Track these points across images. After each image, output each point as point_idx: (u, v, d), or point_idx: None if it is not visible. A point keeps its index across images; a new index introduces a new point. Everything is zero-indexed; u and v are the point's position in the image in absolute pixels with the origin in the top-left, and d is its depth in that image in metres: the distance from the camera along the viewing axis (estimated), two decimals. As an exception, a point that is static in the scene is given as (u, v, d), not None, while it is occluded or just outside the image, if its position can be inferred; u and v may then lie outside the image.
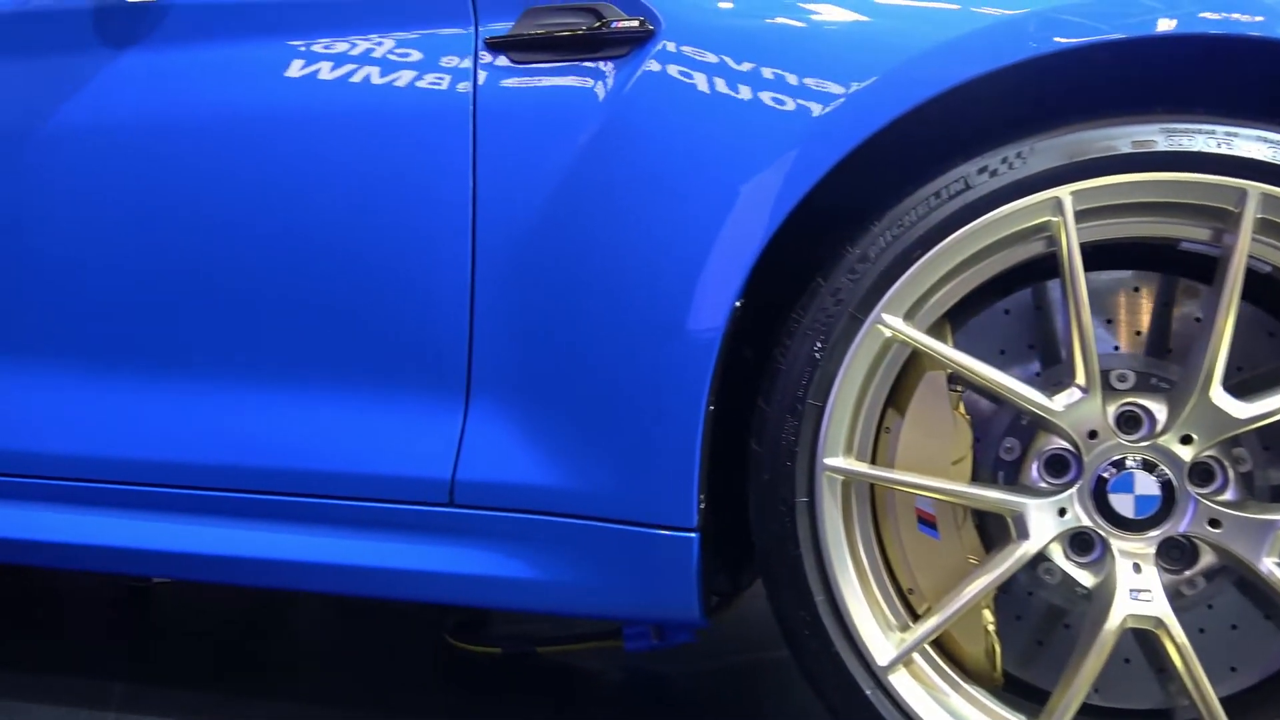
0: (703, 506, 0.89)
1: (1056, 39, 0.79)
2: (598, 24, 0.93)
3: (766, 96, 0.85)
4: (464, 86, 0.96)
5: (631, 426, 0.90)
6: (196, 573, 1.09)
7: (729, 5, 0.91)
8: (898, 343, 0.84)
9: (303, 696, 1.30)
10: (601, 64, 0.93)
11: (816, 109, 0.83)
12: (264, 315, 1.01)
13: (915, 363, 0.86)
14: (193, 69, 1.05)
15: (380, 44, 1.00)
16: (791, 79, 0.85)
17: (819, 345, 0.84)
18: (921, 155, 0.87)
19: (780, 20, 0.88)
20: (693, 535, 0.89)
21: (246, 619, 1.62)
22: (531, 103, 0.95)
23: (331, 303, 1.00)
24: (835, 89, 0.84)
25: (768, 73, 0.85)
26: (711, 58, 0.88)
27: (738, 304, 0.86)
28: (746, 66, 0.86)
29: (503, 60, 0.96)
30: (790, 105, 0.84)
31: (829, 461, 0.84)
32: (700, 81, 0.88)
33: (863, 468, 0.85)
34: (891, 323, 0.83)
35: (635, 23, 0.91)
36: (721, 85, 0.87)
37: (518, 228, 0.95)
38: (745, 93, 0.86)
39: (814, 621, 0.84)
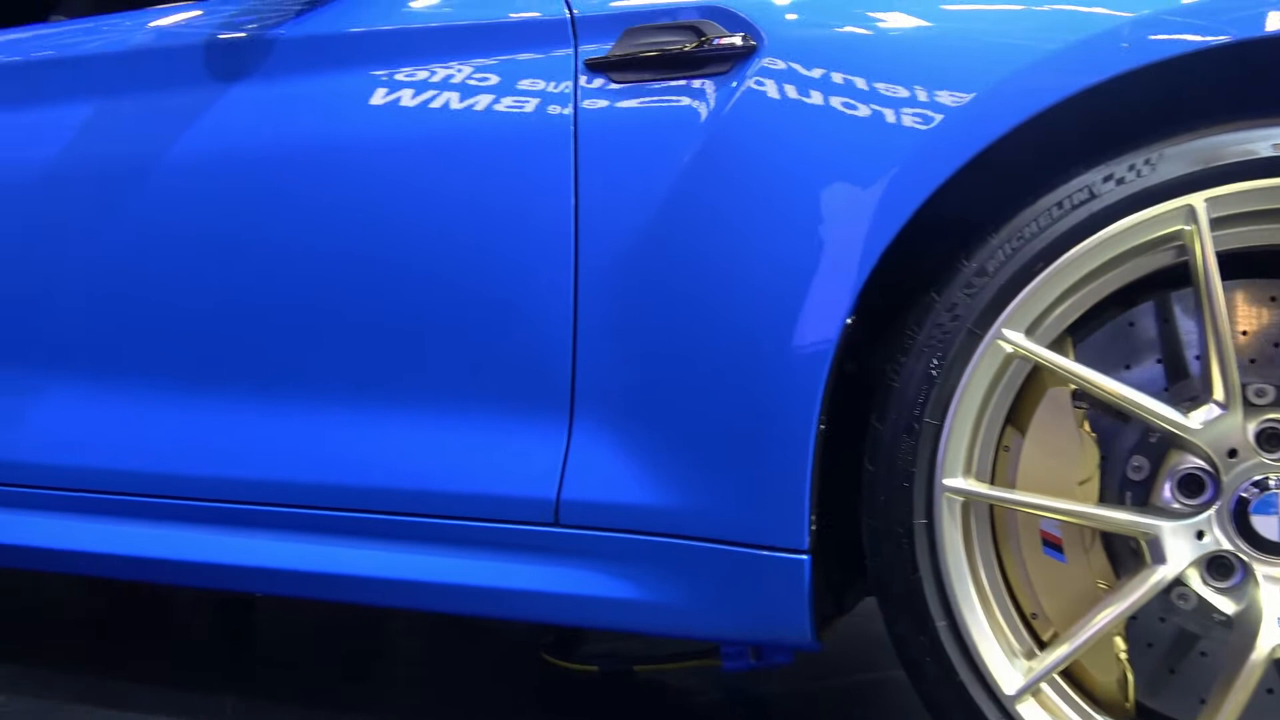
0: (814, 528, 0.87)
1: (1185, 36, 0.75)
2: (699, 42, 0.92)
3: (876, 109, 0.84)
4: (564, 108, 0.97)
5: (740, 447, 0.89)
6: (303, 589, 1.12)
7: (833, 18, 0.89)
8: (1018, 359, 0.81)
9: (402, 713, 1.32)
10: (703, 81, 0.92)
11: (929, 120, 0.81)
12: (373, 337, 1.03)
13: (1036, 379, 0.83)
14: (299, 100, 1.08)
15: (481, 70, 1.01)
16: (902, 91, 0.83)
17: (935, 362, 0.82)
18: (1038, 163, 0.84)
19: (888, 31, 0.86)
20: (804, 557, 0.87)
21: (346, 634, 1.65)
22: (633, 122, 0.95)
23: (438, 324, 1.01)
24: (948, 99, 0.81)
25: (878, 85, 0.84)
26: (817, 72, 0.86)
27: (849, 321, 0.84)
28: (854, 79, 0.85)
29: (603, 81, 0.96)
30: (901, 117, 0.82)
31: (948, 482, 0.81)
32: (806, 96, 0.87)
33: (984, 489, 0.82)
34: (1013, 338, 0.80)
35: (737, 39, 0.91)
36: (828, 99, 0.85)
37: (620, 247, 0.94)
38: (853, 106, 0.85)
39: (935, 648, 0.82)
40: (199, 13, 1.26)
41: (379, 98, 1.05)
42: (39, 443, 1.22)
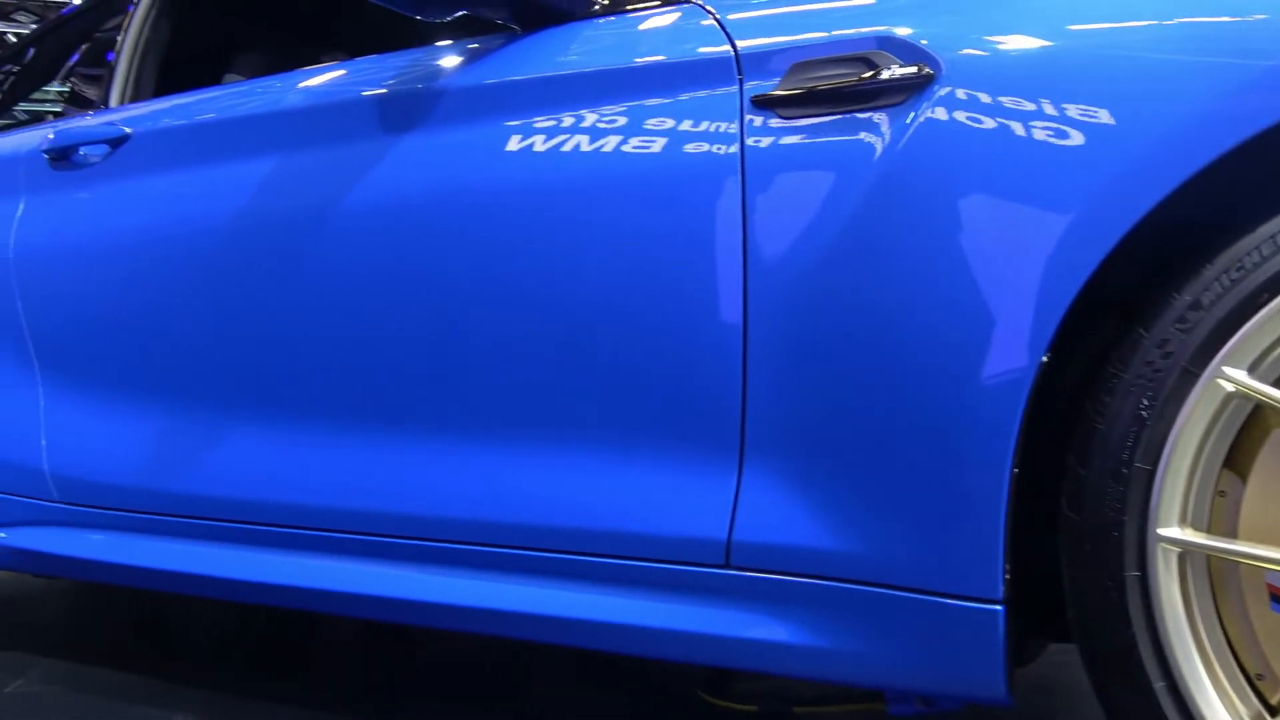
0: (1008, 577, 0.83)
1: None
2: (871, 74, 0.90)
3: (1070, 135, 0.79)
4: (731, 146, 0.96)
5: (925, 490, 0.85)
6: (471, 625, 1.13)
7: (1017, 42, 0.86)
8: (1239, 398, 0.75)
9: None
10: (876, 114, 0.89)
11: (1135, 144, 0.77)
12: (544, 377, 1.05)
13: (1259, 419, 0.77)
14: (467, 147, 1.11)
15: (643, 112, 1.02)
16: (1102, 114, 0.78)
17: (1145, 403, 0.76)
18: (1255, 188, 0.78)
19: (1081, 54, 0.82)
20: (998, 608, 0.83)
21: (498, 669, 1.67)
22: (803, 158, 0.93)
23: (608, 365, 1.01)
24: (1152, 123, 0.76)
25: (1072, 109, 0.79)
26: (1004, 101, 0.83)
27: (1044, 359, 0.80)
28: (1045, 105, 0.81)
29: (770, 117, 0.95)
30: (1101, 142, 0.78)
31: (1164, 532, 0.76)
32: (990, 126, 0.83)
33: (1205, 539, 0.76)
34: (1235, 376, 0.74)
35: (913, 69, 0.88)
36: (1018, 127, 0.82)
37: (791, 284, 0.93)
38: (1045, 133, 0.80)
39: (1153, 710, 0.76)
40: (342, 73, 1.31)
41: (541, 142, 1.07)
42: (231, 479, 1.28)
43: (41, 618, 2.08)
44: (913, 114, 0.87)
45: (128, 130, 1.46)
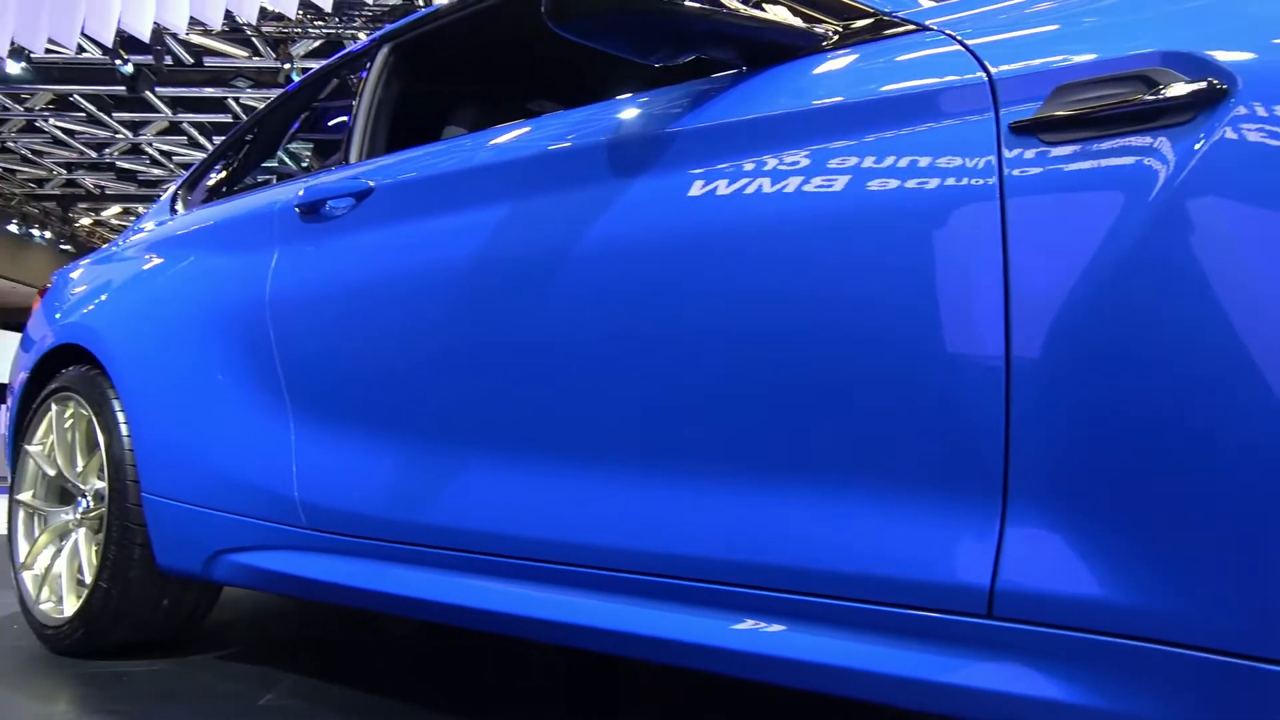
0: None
1: None
2: (1150, 93, 0.84)
3: None
4: (989, 176, 0.92)
5: (1230, 543, 0.78)
6: (706, 664, 1.12)
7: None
8: None
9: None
10: (1157, 136, 0.84)
11: None
12: (790, 416, 1.03)
13: None
14: (704, 187, 1.12)
15: (889, 144, 0.99)
16: None
17: None
18: None
19: None
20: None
21: (707, 703, 1.66)
22: (1070, 186, 0.88)
23: (856, 402, 0.99)
24: None
25: None
26: None
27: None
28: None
29: (1031, 144, 0.90)
30: None
31: None
32: (1300, 143, 0.76)
33: None
34: None
35: (1201, 85, 0.82)
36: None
37: (1059, 319, 0.87)
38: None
39: None
40: (568, 121, 1.35)
41: (780, 180, 1.06)
42: (468, 512, 1.34)
43: (289, 634, 2.24)
44: (1204, 134, 0.81)
45: (371, 184, 1.57)
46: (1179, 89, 0.83)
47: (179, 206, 2.27)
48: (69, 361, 2.15)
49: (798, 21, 1.16)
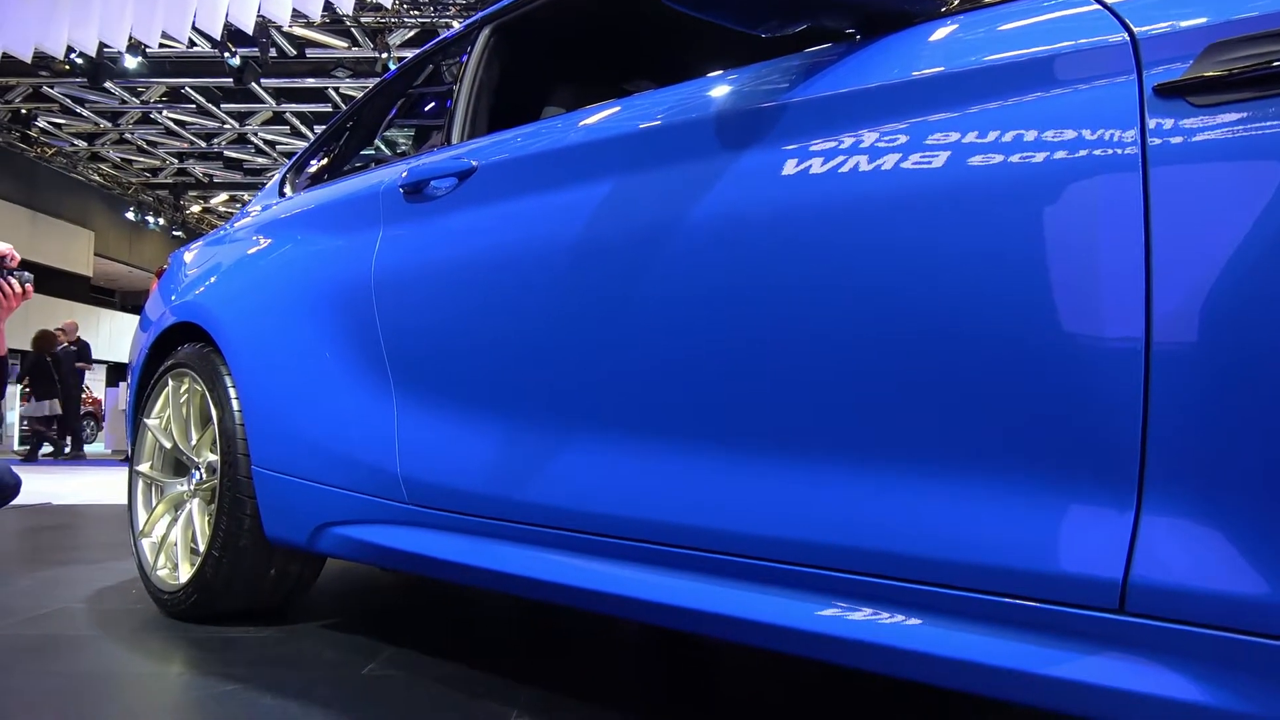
0: None
1: None
2: (1315, 47, 0.77)
3: None
4: (1130, 144, 0.86)
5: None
6: (817, 651, 1.08)
7: None
8: None
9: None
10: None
11: None
12: (909, 397, 0.99)
13: None
14: (818, 159, 1.08)
15: (1019, 110, 0.94)
16: None
17: None
18: None
19: None
20: None
21: (809, 696, 1.62)
22: (1223, 150, 0.82)
23: (982, 381, 0.94)
24: None
25: None
26: None
27: None
28: None
29: (1180, 106, 0.84)
30: None
31: None
32: None
33: None
34: None
35: (1382, 37, 0.74)
36: None
37: (1205, 303, 0.81)
38: None
39: None
40: (673, 96, 1.32)
41: (899, 150, 1.02)
42: (567, 490, 1.33)
43: (391, 605, 2.30)
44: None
45: (474, 164, 1.58)
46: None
47: (287, 190, 2.33)
48: (184, 339, 2.24)
49: None
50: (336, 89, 11.68)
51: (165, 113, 12.95)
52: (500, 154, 1.57)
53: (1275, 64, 0.79)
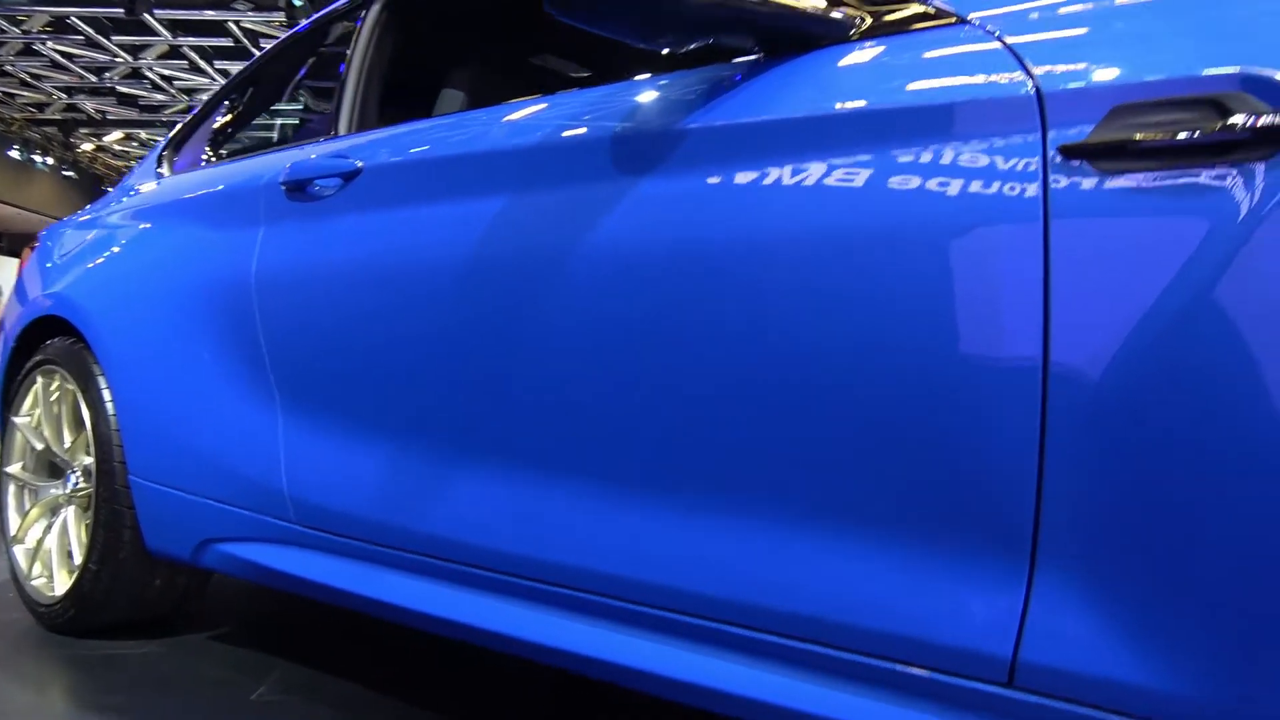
0: None
1: None
2: (1223, 122, 0.74)
3: None
4: (1033, 204, 0.82)
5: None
6: (691, 699, 1.06)
7: None
8: None
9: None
10: (1229, 170, 0.73)
11: None
12: (796, 452, 0.95)
13: None
14: (717, 194, 1.02)
15: (921, 161, 0.89)
16: None
17: None
18: None
19: None
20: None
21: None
22: (1124, 223, 0.78)
23: (871, 442, 0.91)
24: None
25: None
26: None
27: None
28: None
29: (1082, 169, 0.80)
30: None
31: None
32: None
33: None
34: None
35: (1282, 118, 0.71)
36: None
37: (1104, 362, 0.78)
38: None
39: None
40: (571, 106, 1.25)
41: (799, 189, 0.96)
42: (454, 521, 1.28)
43: (285, 613, 2.20)
44: (1282, 174, 0.71)
45: (359, 164, 1.47)
46: (1261, 120, 0.72)
47: (164, 169, 2.16)
48: (55, 332, 2.07)
49: (823, 2, 1.04)
50: (238, 23, 11.04)
51: (50, 44, 12.08)
52: (388, 155, 1.46)
53: (1179, 135, 0.76)
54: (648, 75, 1.19)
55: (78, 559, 1.91)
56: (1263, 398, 0.71)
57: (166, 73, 13.23)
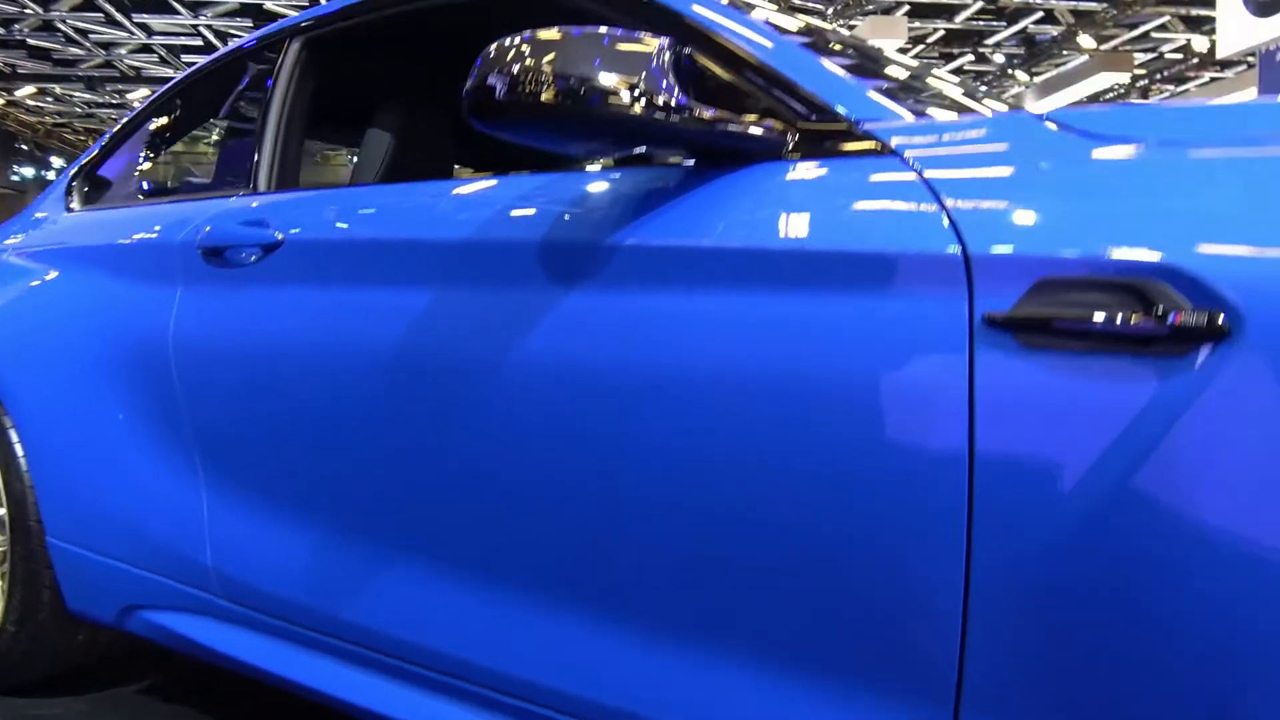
0: None
1: None
2: (1144, 312, 0.74)
3: None
4: (955, 368, 0.82)
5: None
6: None
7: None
8: None
9: None
10: (1149, 361, 0.74)
11: None
12: (710, 577, 0.96)
13: None
14: (646, 317, 1.01)
15: (850, 306, 0.89)
16: None
17: None
18: None
19: None
20: None
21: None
22: (1046, 393, 0.79)
23: (784, 577, 0.92)
24: None
25: None
26: None
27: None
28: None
29: (1008, 343, 0.81)
30: None
31: None
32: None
33: None
34: None
35: (1202, 318, 0.72)
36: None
37: (1028, 530, 0.80)
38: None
39: None
40: (504, 198, 1.21)
41: (722, 322, 0.96)
42: (372, 610, 1.27)
43: (210, 673, 2.14)
44: (1198, 371, 0.72)
45: (279, 237, 1.42)
46: (1177, 319, 0.73)
47: (74, 202, 2.05)
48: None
49: (751, 118, 1.02)
50: (157, -24, 10.52)
51: (-48, -7, 11.36)
52: (310, 231, 1.40)
53: (1098, 318, 0.76)
54: (576, 170, 1.17)
55: (-5, 617, 1.84)
56: (1168, 579, 0.73)
57: (82, 25, 12.57)
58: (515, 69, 0.95)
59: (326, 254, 1.36)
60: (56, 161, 18.43)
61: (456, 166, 2.19)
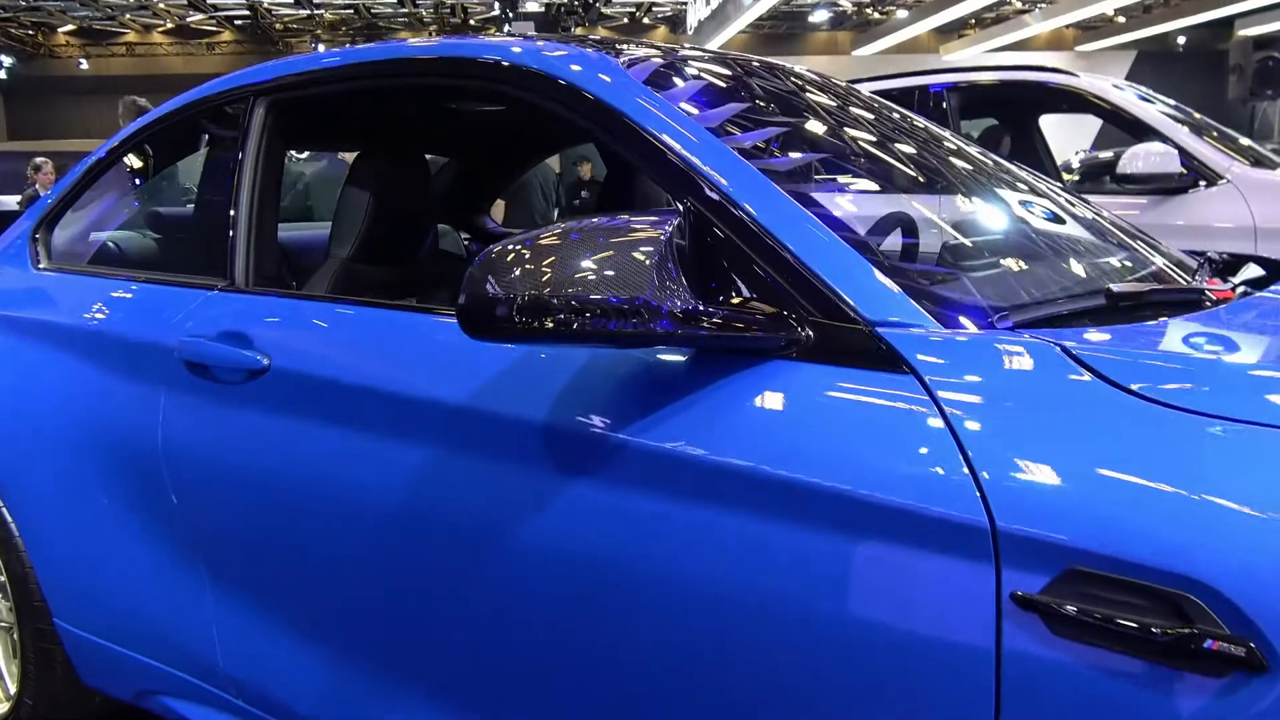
0: None
1: None
2: (1178, 627, 0.72)
3: None
4: (982, 641, 0.81)
5: None
6: None
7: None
8: None
9: None
10: (1181, 678, 0.73)
11: None
12: None
13: None
14: (646, 518, 0.99)
15: (866, 555, 0.86)
16: None
17: None
18: None
19: None
20: None
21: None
22: (1073, 683, 0.78)
23: None
24: None
25: None
26: None
27: None
28: None
29: (1035, 624, 0.78)
30: None
31: None
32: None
33: None
34: None
35: (1240, 650, 0.70)
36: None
37: None
38: None
39: None
40: (498, 371, 1.15)
41: (730, 544, 0.94)
42: None
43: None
44: (1234, 697, 0.70)
45: (265, 362, 1.35)
46: (1212, 644, 0.71)
47: (41, 259, 1.93)
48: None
49: (759, 320, 0.97)
50: None
51: None
52: (298, 359, 1.34)
53: (1128, 619, 0.74)
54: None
55: (11, 689, 1.87)
56: None
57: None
58: (511, 281, 0.90)
59: (315, 392, 1.31)
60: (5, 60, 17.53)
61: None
